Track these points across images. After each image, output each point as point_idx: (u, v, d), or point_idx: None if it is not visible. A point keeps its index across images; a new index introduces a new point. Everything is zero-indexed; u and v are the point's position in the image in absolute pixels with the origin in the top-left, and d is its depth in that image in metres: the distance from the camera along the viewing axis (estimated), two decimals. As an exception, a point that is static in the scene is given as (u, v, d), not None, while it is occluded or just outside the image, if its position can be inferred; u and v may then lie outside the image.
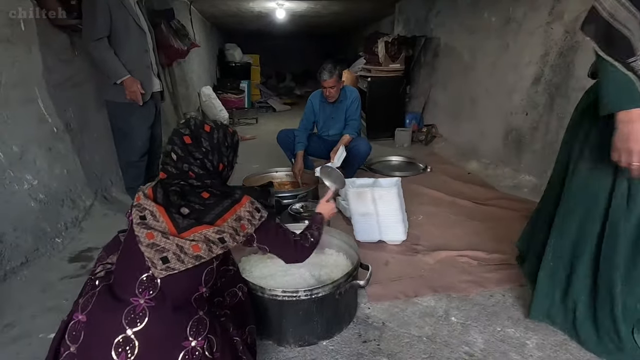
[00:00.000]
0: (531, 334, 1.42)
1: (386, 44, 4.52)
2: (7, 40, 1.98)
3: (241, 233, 1.05)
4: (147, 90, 2.37)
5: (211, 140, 1.07)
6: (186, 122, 1.10)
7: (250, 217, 1.07)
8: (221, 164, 1.10)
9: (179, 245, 0.95)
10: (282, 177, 2.94)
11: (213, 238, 0.99)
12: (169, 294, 0.94)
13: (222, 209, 1.03)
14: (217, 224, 1.01)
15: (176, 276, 0.95)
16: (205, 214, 1.01)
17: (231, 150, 1.13)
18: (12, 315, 1.54)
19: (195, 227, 0.98)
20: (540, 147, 2.93)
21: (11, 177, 1.92)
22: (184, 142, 1.05)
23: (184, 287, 0.98)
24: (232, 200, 1.06)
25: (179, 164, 1.04)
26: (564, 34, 2.74)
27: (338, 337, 1.41)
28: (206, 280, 1.02)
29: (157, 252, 0.94)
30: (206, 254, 0.97)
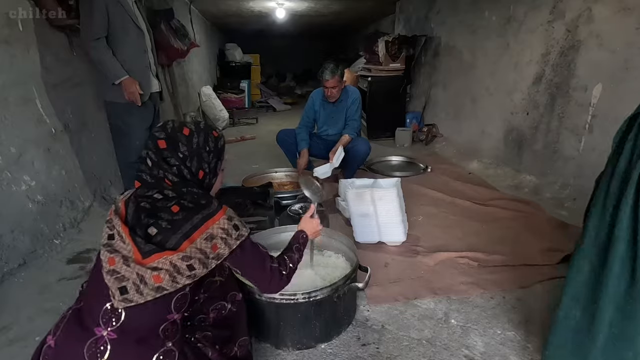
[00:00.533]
0: (532, 337, 1.40)
1: (386, 43, 4.50)
2: (4, 40, 1.97)
3: (211, 255, 0.91)
4: (145, 91, 2.36)
5: (190, 145, 0.98)
6: (163, 124, 1.01)
7: (226, 235, 0.93)
8: (201, 170, 1.00)
9: (139, 275, 0.83)
10: (281, 177, 2.93)
11: (180, 265, 0.86)
12: (133, 326, 0.85)
13: (190, 227, 0.89)
14: (183, 247, 0.87)
15: (139, 307, 0.84)
16: (171, 234, 0.88)
17: (214, 156, 1.03)
18: (9, 317, 1.53)
19: (156, 253, 0.85)
20: (541, 147, 2.91)
21: (9, 179, 1.91)
22: (157, 147, 0.96)
23: (149, 319, 0.87)
24: (204, 216, 0.91)
25: (154, 170, 0.95)
26: (565, 33, 2.72)
27: (337, 341, 1.40)
28: (177, 307, 0.90)
29: (117, 280, 0.84)
30: (169, 285, 0.85)
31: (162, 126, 1.01)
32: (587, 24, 2.55)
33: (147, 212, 0.90)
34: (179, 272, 0.86)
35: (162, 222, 0.88)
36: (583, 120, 2.57)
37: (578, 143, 2.61)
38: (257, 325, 1.36)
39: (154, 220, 0.89)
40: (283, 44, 10.61)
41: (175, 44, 4.05)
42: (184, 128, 1.00)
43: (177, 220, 0.89)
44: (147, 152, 0.96)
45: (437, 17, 4.55)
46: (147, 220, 0.89)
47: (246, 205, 2.12)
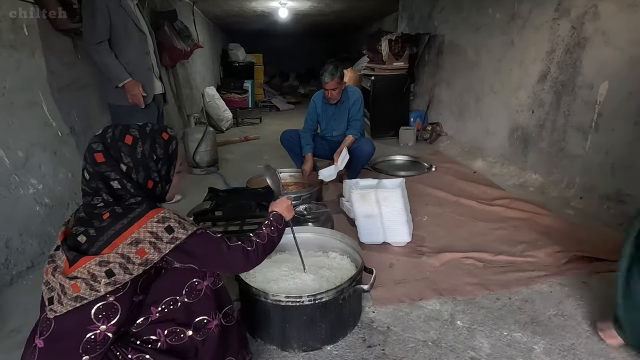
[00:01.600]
0: (538, 338, 1.40)
1: (390, 42, 4.48)
2: (11, 45, 1.99)
3: (137, 261, 0.83)
4: (148, 93, 2.38)
5: (134, 156, 0.90)
6: (102, 132, 0.91)
7: (155, 239, 0.85)
8: (150, 180, 0.93)
9: (61, 285, 0.81)
10: (285, 178, 2.93)
11: (97, 272, 0.80)
12: (58, 335, 0.82)
13: (114, 232, 0.83)
14: (104, 252, 0.82)
15: (63, 317, 0.81)
16: (95, 241, 0.83)
17: (164, 163, 0.95)
18: (19, 320, 1.55)
19: (79, 260, 0.81)
20: (546, 145, 2.89)
21: (17, 182, 1.93)
22: (94, 161, 0.88)
23: (71, 329, 0.82)
24: (129, 220, 0.84)
25: (92, 184, 0.88)
26: (571, 30, 2.69)
27: (342, 342, 1.40)
28: (102, 318, 0.82)
29: (48, 290, 0.83)
30: (87, 293, 0.80)
31: (101, 135, 0.91)
32: (593, 21, 2.53)
33: (80, 221, 0.87)
34: (95, 280, 0.80)
35: (91, 230, 0.84)
36: (589, 119, 2.54)
37: (584, 141, 2.59)
38: (262, 327, 1.37)
39: (84, 228, 0.85)
40: (286, 43, 10.61)
41: (178, 45, 4.06)
42: (126, 135, 0.90)
43: (103, 227, 0.84)
44: (84, 164, 0.89)
45: (440, 15, 4.53)
46: (77, 229, 0.85)
47: (251, 207, 2.13)
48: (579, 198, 2.55)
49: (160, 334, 0.91)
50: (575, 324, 1.46)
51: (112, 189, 0.88)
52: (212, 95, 5.47)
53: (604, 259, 1.84)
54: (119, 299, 0.84)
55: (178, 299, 0.93)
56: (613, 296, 1.31)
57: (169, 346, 0.91)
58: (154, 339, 0.91)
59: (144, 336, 0.90)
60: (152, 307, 0.91)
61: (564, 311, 1.54)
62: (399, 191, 1.98)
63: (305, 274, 1.46)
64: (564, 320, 1.49)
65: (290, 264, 1.57)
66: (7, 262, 1.77)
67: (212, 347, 0.96)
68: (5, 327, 1.51)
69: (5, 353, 1.39)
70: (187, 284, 0.94)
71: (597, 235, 2.08)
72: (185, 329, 0.93)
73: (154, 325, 0.91)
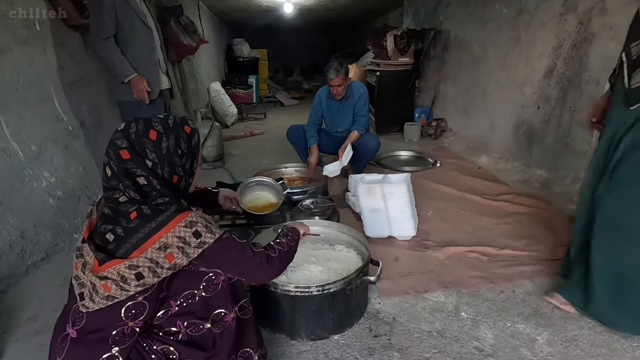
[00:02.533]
0: (541, 329, 1.43)
1: (395, 37, 4.48)
2: (24, 41, 2.02)
3: (166, 265, 0.84)
4: (154, 88, 2.40)
5: (159, 151, 0.89)
6: (125, 127, 0.90)
7: (183, 244, 0.85)
8: (175, 175, 0.93)
9: (92, 283, 0.82)
10: (291, 172, 2.96)
11: (127, 274, 0.82)
12: (90, 329, 0.85)
13: (142, 236, 0.83)
14: (133, 255, 0.83)
15: (93, 313, 0.84)
16: (123, 242, 0.84)
17: (188, 157, 0.95)
18: (35, 308, 1.60)
19: (107, 261, 0.82)
20: (551, 141, 2.90)
21: (30, 175, 1.98)
22: (120, 158, 0.87)
23: (102, 323, 0.85)
24: (157, 224, 0.84)
25: (113, 181, 0.87)
26: (578, 26, 2.69)
27: (349, 332, 1.44)
28: (131, 315, 0.85)
29: (79, 285, 0.85)
30: (118, 293, 0.82)
31: (124, 130, 0.89)
32: (600, 16, 2.52)
33: (106, 218, 0.86)
34: (125, 282, 0.82)
35: (118, 229, 0.84)
36: (595, 114, 2.54)
37: (590, 137, 2.59)
38: (272, 316, 1.41)
39: (112, 226, 0.85)
40: (290, 38, 10.59)
41: (184, 41, 4.08)
42: (151, 130, 0.89)
43: (131, 228, 0.84)
44: (107, 160, 0.88)
45: (446, 10, 4.51)
46: (104, 227, 0.86)
47: (258, 201, 2.16)
48: (583, 194, 2.56)
49: (180, 326, 0.93)
50: (577, 316, 1.49)
51: (138, 185, 0.88)
52: (217, 91, 5.50)
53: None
54: (147, 298, 0.87)
55: (196, 293, 0.94)
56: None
57: (190, 337, 0.93)
58: (175, 331, 0.93)
59: (165, 328, 0.93)
60: (171, 301, 0.93)
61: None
62: (404, 186, 2.00)
63: (313, 266, 1.49)
64: (566, 312, 1.51)
65: (298, 255, 1.60)
66: (23, 252, 1.82)
67: (229, 340, 0.97)
68: (23, 315, 1.56)
69: (23, 340, 1.44)
70: (204, 278, 0.96)
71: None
72: (204, 322, 0.95)
73: (174, 318, 0.93)
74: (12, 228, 1.80)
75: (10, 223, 1.80)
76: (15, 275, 1.76)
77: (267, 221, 2.02)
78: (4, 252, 1.74)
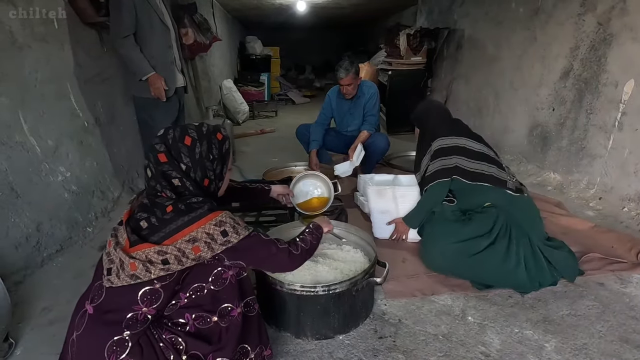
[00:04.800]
0: (550, 336, 1.41)
1: (408, 36, 4.44)
2: (42, 39, 2.07)
3: (191, 256, 0.92)
4: (170, 86, 2.44)
5: (192, 156, 0.97)
6: (163, 133, 0.99)
7: (210, 239, 0.93)
8: (206, 179, 1.01)
9: (121, 260, 0.89)
10: (301, 171, 2.96)
11: (154, 259, 0.89)
12: (106, 307, 0.91)
13: (175, 227, 0.91)
14: (165, 243, 0.90)
15: (113, 290, 0.90)
16: (156, 230, 0.91)
17: (219, 162, 1.03)
18: (49, 299, 1.65)
19: (139, 244, 0.90)
20: (566, 144, 2.84)
21: (47, 170, 2.03)
22: (158, 161, 0.96)
23: (119, 304, 0.90)
24: (190, 219, 0.92)
25: (152, 182, 0.97)
26: (597, 26, 2.62)
27: (354, 332, 1.44)
28: (146, 301, 0.90)
29: (109, 261, 0.92)
30: (143, 274, 0.88)
31: (162, 136, 0.99)
32: (620, 17, 2.45)
33: (144, 207, 0.96)
34: (151, 263, 0.89)
35: (153, 218, 0.93)
36: (612, 117, 2.49)
37: (606, 140, 2.53)
38: (278, 314, 1.42)
39: (147, 215, 0.94)
40: (302, 36, 10.59)
41: (198, 38, 4.12)
42: (186, 137, 0.98)
43: (166, 220, 0.92)
44: (147, 163, 0.97)
45: (461, 8, 4.45)
46: (140, 215, 0.94)
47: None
48: (598, 199, 2.51)
49: (188, 318, 0.96)
50: (588, 324, 1.46)
51: (173, 186, 0.97)
52: (229, 88, 5.54)
53: (621, 260, 1.82)
54: (164, 287, 0.92)
55: (205, 286, 0.98)
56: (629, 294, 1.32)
57: (197, 329, 0.97)
58: (183, 322, 0.96)
59: (174, 319, 0.96)
60: (181, 293, 0.96)
61: (577, 311, 1.53)
62: (416, 189, 1.99)
63: (319, 266, 1.49)
64: (576, 320, 1.49)
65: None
66: (38, 244, 1.87)
67: (234, 334, 1.00)
68: (38, 305, 1.61)
69: (38, 329, 1.48)
70: (213, 272, 0.99)
71: (616, 237, 2.05)
72: (211, 315, 0.98)
73: (183, 310, 0.97)
74: (29, 221, 1.85)
75: (27, 216, 1.85)
76: (31, 267, 1.81)
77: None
78: (20, 244, 1.79)
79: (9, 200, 1.78)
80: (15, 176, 1.83)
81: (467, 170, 1.79)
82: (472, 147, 1.87)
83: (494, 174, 1.79)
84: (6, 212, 1.76)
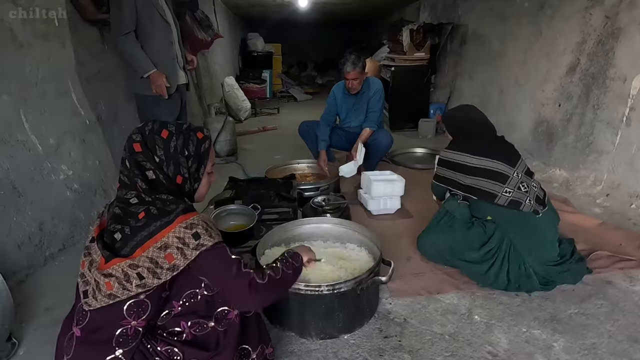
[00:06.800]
0: (558, 336, 1.38)
1: (411, 32, 4.40)
2: (43, 36, 2.06)
3: (165, 266, 0.85)
4: (172, 84, 2.42)
5: (167, 149, 0.93)
6: (143, 125, 0.96)
7: (182, 244, 0.86)
8: (179, 176, 0.95)
9: (96, 281, 0.84)
10: (304, 168, 2.95)
11: (130, 273, 0.84)
12: (93, 327, 0.87)
13: (146, 234, 0.86)
14: (135, 255, 0.85)
15: (98, 310, 0.85)
16: (128, 240, 0.86)
17: (194, 160, 0.97)
18: (52, 298, 1.64)
19: (112, 259, 0.85)
20: (573, 140, 2.80)
21: (49, 168, 2.02)
22: (132, 150, 0.92)
23: (105, 322, 0.86)
24: (162, 223, 0.87)
25: (130, 173, 0.93)
26: (604, 20, 2.58)
27: (359, 332, 1.42)
28: (133, 314, 0.86)
29: (84, 283, 0.87)
30: (120, 292, 0.84)
31: (141, 127, 0.95)
32: (629, 10, 2.41)
33: (116, 218, 0.89)
34: (128, 280, 0.84)
35: (126, 228, 0.87)
36: (620, 113, 2.45)
37: (614, 136, 2.50)
38: (282, 314, 1.40)
39: (120, 226, 0.88)
40: (304, 33, 10.52)
41: (199, 35, 4.09)
42: (163, 130, 0.94)
43: (138, 227, 0.86)
44: (124, 153, 0.94)
45: (465, 3, 4.40)
46: (114, 227, 0.88)
47: (270, 196, 2.16)
48: (605, 195, 2.48)
49: (184, 326, 0.94)
50: (597, 323, 1.44)
51: (147, 178, 0.92)
52: (231, 85, 5.52)
53: (629, 258, 1.79)
54: (149, 297, 0.87)
55: (197, 292, 0.95)
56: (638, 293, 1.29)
57: (194, 337, 0.94)
58: (179, 331, 0.94)
59: (169, 328, 0.93)
60: (173, 302, 0.94)
61: (586, 310, 1.51)
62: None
63: (324, 264, 1.48)
64: (585, 319, 1.46)
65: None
66: (41, 243, 1.86)
67: (233, 337, 0.97)
68: (41, 305, 1.61)
69: (41, 329, 1.48)
70: (196, 279, 0.96)
71: (623, 234, 2.02)
72: (208, 321, 0.95)
73: (177, 318, 0.94)
74: (31, 220, 1.84)
75: (29, 215, 1.84)
76: (34, 266, 1.80)
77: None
78: (23, 243, 1.78)
79: (11, 199, 1.77)
80: (17, 175, 1.82)
81: (462, 184, 1.74)
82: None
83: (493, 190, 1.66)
84: (8, 211, 1.75)
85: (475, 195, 1.71)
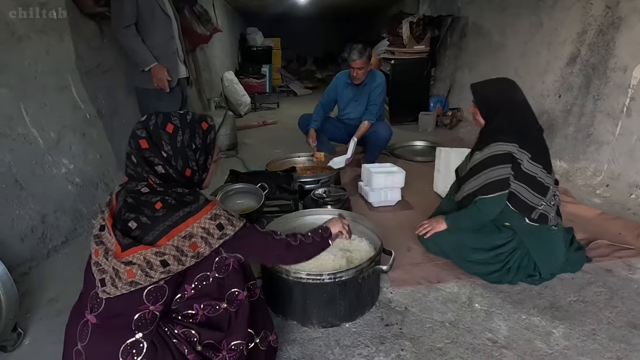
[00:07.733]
0: (557, 322, 1.40)
1: (411, 24, 4.38)
2: (41, 30, 2.05)
3: (190, 254, 0.89)
4: (173, 77, 2.42)
5: (174, 144, 0.94)
6: (145, 120, 0.95)
7: (206, 234, 0.91)
8: (188, 169, 0.97)
9: (115, 269, 0.85)
10: (304, 162, 2.96)
11: (153, 261, 0.85)
12: (110, 314, 0.87)
13: (170, 224, 0.88)
14: (160, 243, 0.86)
15: (115, 297, 0.86)
16: (149, 229, 0.87)
17: (202, 153, 0.99)
18: (56, 290, 1.66)
19: (133, 247, 0.85)
20: (573, 131, 2.80)
21: (50, 162, 2.03)
22: (139, 147, 0.92)
23: (123, 308, 0.87)
24: (185, 214, 0.89)
25: (138, 168, 0.93)
26: (605, 10, 2.56)
27: (360, 320, 1.44)
28: (152, 299, 0.88)
29: (99, 272, 0.87)
30: (142, 279, 0.85)
31: (144, 122, 0.95)
32: (629, 0, 2.40)
33: (129, 207, 0.90)
34: (151, 268, 0.85)
35: (143, 217, 0.88)
36: (620, 103, 2.44)
37: (614, 127, 2.50)
38: (284, 303, 1.42)
39: (135, 215, 0.89)
40: (303, 27, 10.46)
41: (198, 30, 4.08)
42: (168, 124, 0.94)
43: (158, 217, 0.88)
44: (130, 149, 0.94)
45: (464, -5, 4.37)
46: (128, 215, 0.89)
47: (271, 189, 2.17)
48: (605, 186, 2.48)
49: (197, 308, 0.96)
50: (596, 310, 1.45)
51: (157, 172, 0.93)
52: (231, 80, 5.50)
53: (629, 247, 1.80)
54: (168, 282, 0.90)
55: (209, 274, 0.97)
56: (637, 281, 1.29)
57: (207, 318, 0.96)
58: (193, 313, 0.96)
59: (183, 311, 0.95)
60: (186, 285, 0.95)
61: (585, 297, 1.52)
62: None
63: (325, 254, 1.48)
64: (584, 306, 1.48)
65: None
66: (44, 236, 1.88)
67: (244, 317, 1.00)
68: (45, 296, 1.62)
69: (46, 320, 1.49)
70: (215, 260, 0.98)
71: (623, 224, 2.03)
72: (220, 302, 0.98)
73: (190, 301, 0.96)
74: (34, 213, 1.85)
75: (32, 208, 1.85)
76: (37, 258, 1.82)
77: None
78: (26, 235, 1.79)
79: (13, 193, 1.78)
80: (18, 168, 1.83)
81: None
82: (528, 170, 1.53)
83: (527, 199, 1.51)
84: (11, 204, 1.76)
85: (511, 204, 1.50)
